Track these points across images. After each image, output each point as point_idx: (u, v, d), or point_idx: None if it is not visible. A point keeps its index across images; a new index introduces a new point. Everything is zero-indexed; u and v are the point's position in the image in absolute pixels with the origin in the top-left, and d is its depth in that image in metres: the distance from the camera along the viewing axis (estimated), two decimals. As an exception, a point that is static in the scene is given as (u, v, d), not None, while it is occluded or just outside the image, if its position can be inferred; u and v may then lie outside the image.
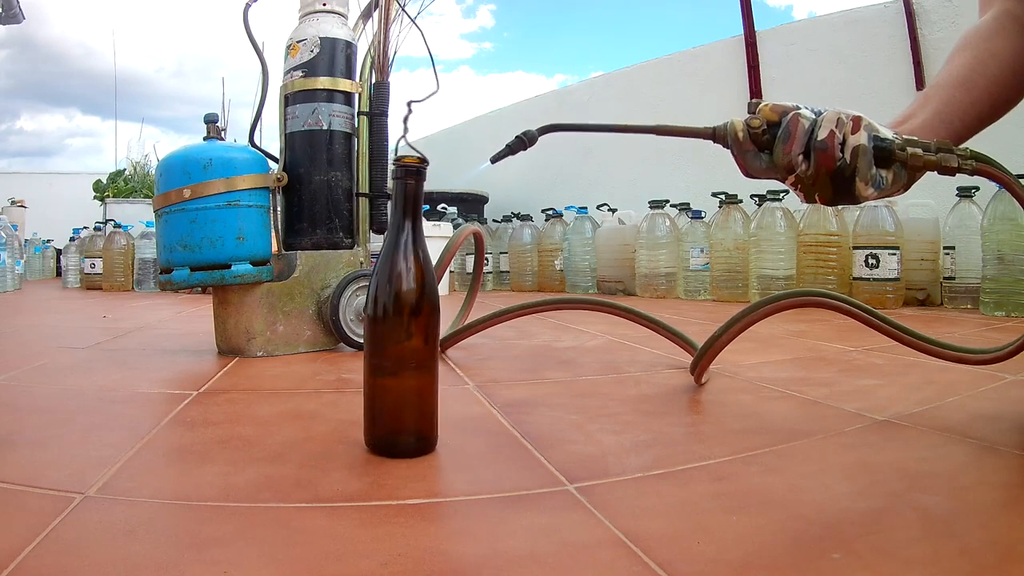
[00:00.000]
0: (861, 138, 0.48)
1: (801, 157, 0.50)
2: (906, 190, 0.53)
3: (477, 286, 1.20)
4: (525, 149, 0.55)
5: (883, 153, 0.49)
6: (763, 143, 0.52)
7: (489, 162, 0.55)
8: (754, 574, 0.33)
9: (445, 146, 4.19)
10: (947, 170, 0.49)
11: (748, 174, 0.54)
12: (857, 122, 0.49)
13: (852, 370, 0.87)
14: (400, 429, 0.52)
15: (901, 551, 0.35)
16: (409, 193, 0.52)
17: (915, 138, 0.51)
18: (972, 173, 0.50)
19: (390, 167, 0.54)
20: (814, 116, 0.50)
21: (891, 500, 0.43)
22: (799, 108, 0.51)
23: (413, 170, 0.52)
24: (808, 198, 0.52)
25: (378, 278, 0.52)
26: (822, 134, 0.49)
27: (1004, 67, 0.57)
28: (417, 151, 0.52)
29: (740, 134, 0.52)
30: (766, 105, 0.52)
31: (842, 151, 0.49)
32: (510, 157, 0.55)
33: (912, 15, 2.10)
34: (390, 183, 0.54)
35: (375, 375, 0.52)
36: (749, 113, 0.53)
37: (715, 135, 0.54)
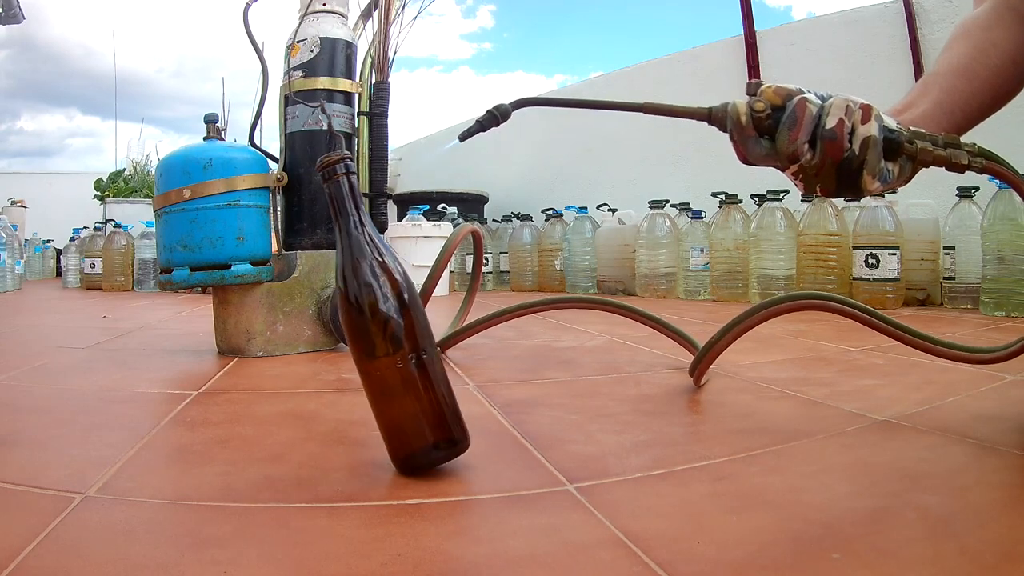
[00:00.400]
0: (872, 129, 0.46)
1: (807, 146, 0.47)
2: (907, 183, 0.51)
3: (476, 286, 1.20)
4: (497, 125, 0.50)
5: (892, 145, 0.47)
6: (765, 128, 0.48)
7: (457, 140, 0.51)
8: (754, 574, 0.33)
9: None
10: (956, 167, 0.47)
11: (746, 161, 0.51)
12: (867, 111, 0.46)
13: (852, 370, 0.87)
14: (417, 440, 0.47)
15: (901, 551, 0.35)
16: (346, 192, 0.47)
17: (922, 130, 0.49)
18: (981, 171, 0.48)
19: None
20: (820, 101, 0.48)
21: (891, 500, 0.43)
22: (804, 92, 0.48)
23: (343, 168, 0.46)
24: (808, 189, 0.49)
25: (347, 290, 0.46)
26: (831, 122, 0.46)
27: (1005, 57, 0.56)
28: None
29: (743, 118, 0.48)
30: (769, 87, 0.49)
31: (851, 141, 0.46)
32: (483, 128, 0.51)
33: (912, 15, 2.10)
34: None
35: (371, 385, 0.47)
36: (750, 95, 0.50)
37: (711, 117, 0.50)
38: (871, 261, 1.67)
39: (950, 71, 0.56)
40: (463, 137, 0.51)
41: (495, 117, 0.51)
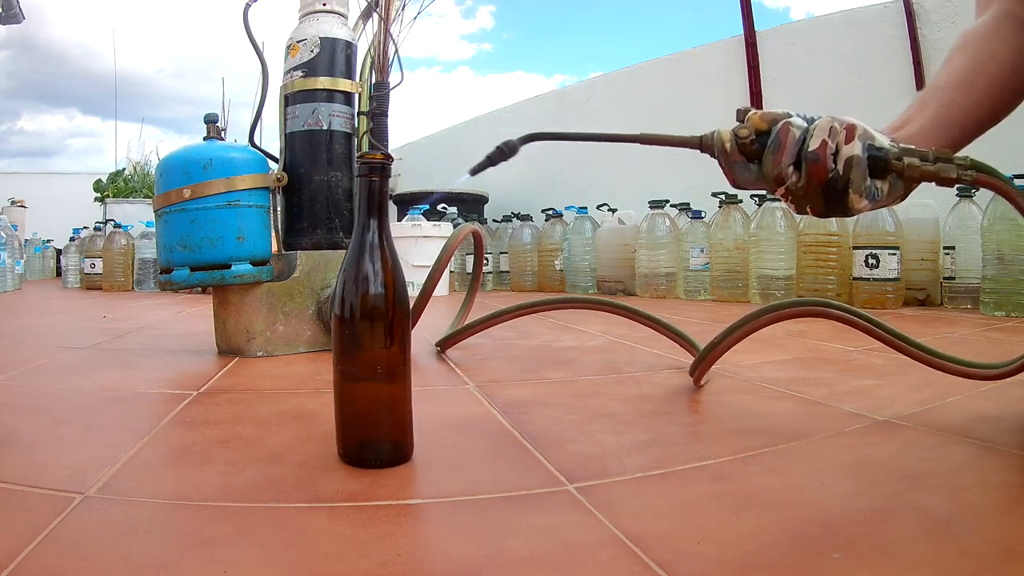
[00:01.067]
0: (855, 148, 0.46)
1: (791, 168, 0.48)
2: (903, 200, 0.51)
3: (477, 286, 1.20)
4: (506, 159, 0.53)
5: (878, 163, 0.47)
6: (752, 153, 0.50)
7: (468, 174, 0.53)
8: (754, 574, 0.33)
9: (445, 147, 4.20)
10: (946, 181, 0.47)
11: (737, 185, 0.52)
12: (851, 131, 0.47)
13: (852, 370, 0.87)
14: (371, 438, 0.50)
15: (901, 551, 0.35)
16: (374, 190, 0.50)
17: (911, 146, 0.48)
18: (972, 183, 0.48)
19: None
20: (806, 124, 0.48)
21: (891, 500, 0.43)
22: (790, 116, 0.49)
23: (378, 166, 0.50)
24: (799, 209, 0.50)
25: (343, 283, 0.50)
26: (814, 144, 0.47)
27: (1004, 69, 0.55)
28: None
29: (727, 144, 0.50)
30: (755, 113, 0.50)
31: (835, 162, 0.47)
32: (492, 162, 0.53)
33: (912, 15, 2.10)
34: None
35: (344, 382, 0.51)
36: (738, 121, 0.51)
37: (702, 144, 0.52)
38: (871, 261, 1.67)
39: (948, 84, 0.55)
40: (474, 171, 0.53)
41: (503, 152, 0.52)
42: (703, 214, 2.12)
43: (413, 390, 0.52)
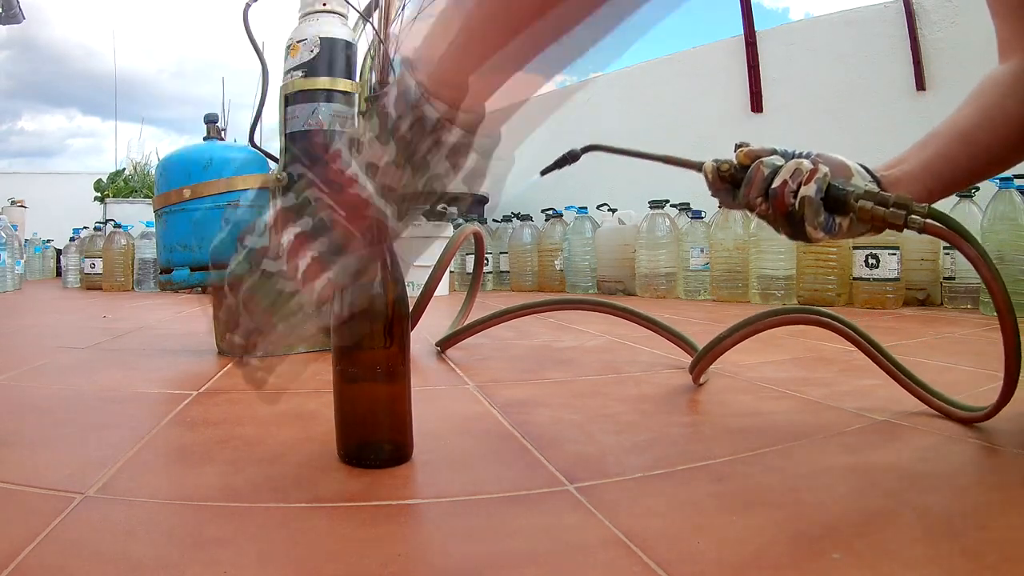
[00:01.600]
0: (810, 190, 0.52)
1: (760, 199, 0.55)
2: (878, 232, 0.55)
3: (477, 286, 1.20)
4: (569, 164, 0.64)
5: (836, 202, 0.53)
6: (738, 181, 0.57)
7: (539, 175, 0.64)
8: (754, 574, 0.33)
9: (445, 146, 4.19)
10: (894, 226, 0.52)
11: (725, 205, 0.60)
12: (812, 174, 0.53)
13: (852, 370, 0.87)
14: (370, 438, 0.50)
15: (901, 551, 0.35)
16: None
17: (876, 191, 0.52)
18: (920, 231, 0.51)
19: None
20: (779, 163, 0.55)
21: (891, 500, 0.43)
22: (775, 152, 0.56)
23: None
24: (775, 230, 0.57)
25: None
26: (776, 183, 0.54)
27: (1011, 127, 0.56)
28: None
29: (710, 175, 0.59)
30: (742, 150, 0.57)
31: (794, 198, 0.53)
32: (559, 167, 0.64)
33: (912, 15, 2.10)
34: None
35: (343, 383, 0.51)
36: (734, 152, 0.59)
37: (701, 169, 0.60)
38: (871, 261, 1.67)
39: (950, 132, 0.58)
40: (544, 173, 0.63)
41: (567, 159, 0.64)
42: (703, 214, 2.12)
43: (413, 390, 0.52)
